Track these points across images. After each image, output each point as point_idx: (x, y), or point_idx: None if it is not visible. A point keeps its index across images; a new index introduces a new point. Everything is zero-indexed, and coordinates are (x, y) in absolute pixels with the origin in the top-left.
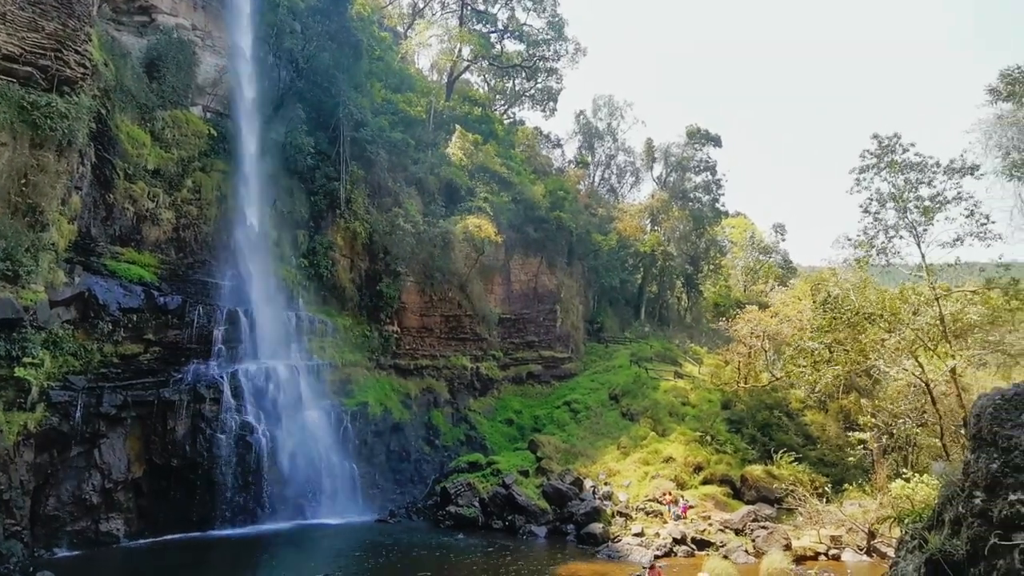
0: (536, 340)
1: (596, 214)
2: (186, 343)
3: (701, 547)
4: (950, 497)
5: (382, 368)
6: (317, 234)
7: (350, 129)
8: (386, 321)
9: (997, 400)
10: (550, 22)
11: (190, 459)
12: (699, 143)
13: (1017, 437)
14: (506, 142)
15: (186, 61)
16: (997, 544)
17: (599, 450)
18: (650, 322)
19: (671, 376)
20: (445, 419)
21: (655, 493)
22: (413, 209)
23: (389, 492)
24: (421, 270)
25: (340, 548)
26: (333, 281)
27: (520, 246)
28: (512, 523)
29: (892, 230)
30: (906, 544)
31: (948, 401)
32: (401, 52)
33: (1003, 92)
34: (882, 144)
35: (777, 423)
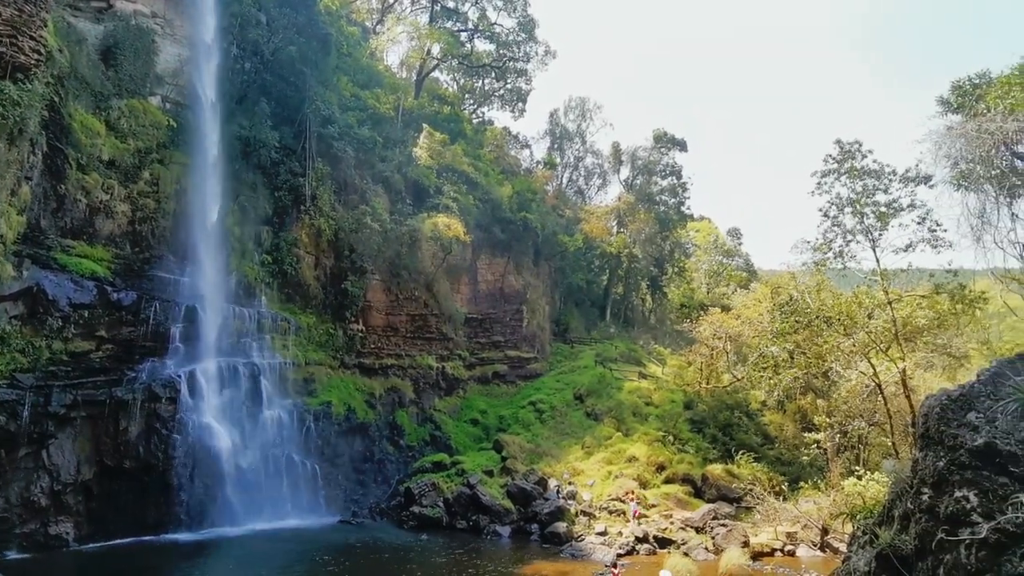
0: (502, 340)
1: (564, 215)
2: (141, 341)
3: (663, 545)
4: (899, 494)
5: (346, 367)
6: (281, 231)
7: (316, 125)
8: (351, 320)
9: (943, 400)
10: (520, 23)
11: (144, 461)
12: (665, 147)
13: (962, 436)
14: (475, 142)
15: (145, 49)
16: (944, 539)
17: (564, 450)
18: (615, 323)
19: (635, 376)
20: (410, 419)
21: (618, 492)
22: (380, 207)
23: (352, 493)
24: (387, 268)
25: (301, 551)
26: (297, 278)
27: (487, 246)
28: (476, 523)
29: (850, 234)
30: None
31: (898, 401)
32: (370, 48)
33: (953, 104)
34: (843, 149)
35: (737, 423)
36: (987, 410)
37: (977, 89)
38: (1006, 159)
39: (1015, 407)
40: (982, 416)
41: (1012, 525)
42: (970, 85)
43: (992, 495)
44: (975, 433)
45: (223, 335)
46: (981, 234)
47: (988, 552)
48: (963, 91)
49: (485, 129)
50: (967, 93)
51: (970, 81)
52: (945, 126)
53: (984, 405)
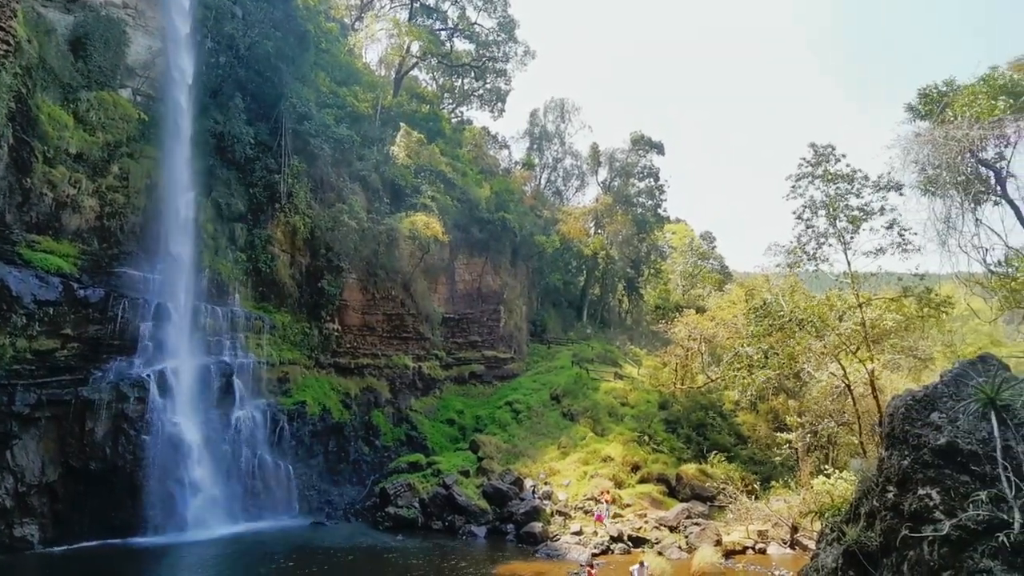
0: (479, 340)
1: (542, 216)
2: (108, 339)
3: (637, 544)
4: (866, 492)
5: (322, 367)
6: (256, 228)
7: (293, 121)
8: (327, 319)
9: (908, 401)
10: (501, 23)
11: (111, 462)
12: (643, 150)
13: (926, 435)
14: (453, 141)
15: (115, 40)
16: (908, 536)
17: (540, 450)
18: (592, 324)
19: (611, 377)
20: (386, 419)
21: (594, 492)
22: (357, 205)
23: (327, 494)
24: (364, 267)
25: (273, 554)
26: (272, 276)
27: (465, 246)
28: (452, 524)
29: (823, 237)
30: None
31: (866, 402)
32: (348, 45)
33: (921, 111)
34: (817, 153)
35: (711, 423)
36: (949, 410)
37: (944, 97)
38: (971, 166)
39: (976, 407)
40: (944, 416)
41: (973, 522)
42: (937, 93)
43: (954, 493)
44: (938, 433)
45: (195, 334)
46: (946, 239)
47: (950, 548)
48: (930, 98)
49: (464, 129)
50: (934, 100)
51: (937, 89)
52: (913, 132)
53: (947, 405)
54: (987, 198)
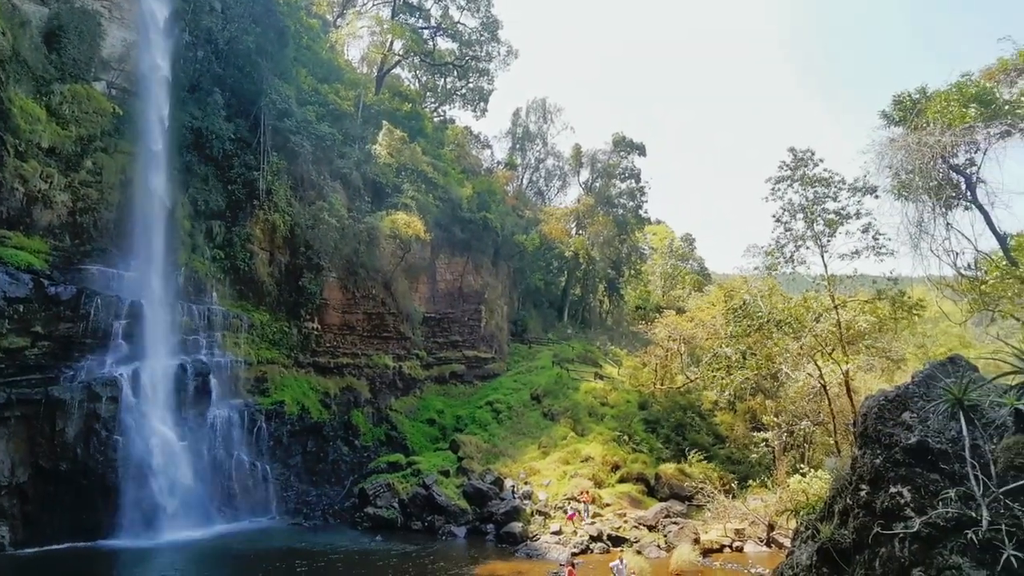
0: (460, 340)
1: (524, 216)
2: (80, 337)
3: (617, 544)
4: (840, 490)
5: (301, 366)
6: (234, 225)
7: (273, 118)
8: (306, 317)
9: (881, 401)
10: (484, 23)
11: (82, 463)
12: (625, 151)
13: (897, 435)
14: (435, 140)
15: (90, 33)
16: (879, 533)
17: (520, 450)
18: (573, 324)
19: (592, 377)
20: (365, 419)
21: (574, 492)
22: (338, 204)
23: (305, 494)
24: (344, 266)
25: (250, 556)
26: (251, 275)
27: (447, 245)
28: (432, 524)
29: (800, 240)
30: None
31: (841, 402)
32: (330, 41)
33: (895, 117)
34: (797, 157)
35: (690, 423)
36: (920, 410)
37: (917, 104)
38: (942, 171)
39: (945, 407)
40: (915, 416)
41: (942, 520)
42: (910, 100)
43: (924, 491)
44: (909, 432)
45: (170, 332)
46: (919, 242)
47: (920, 545)
48: (904, 105)
49: (446, 128)
50: (908, 107)
51: (910, 96)
52: (888, 138)
53: (918, 405)
54: (958, 203)
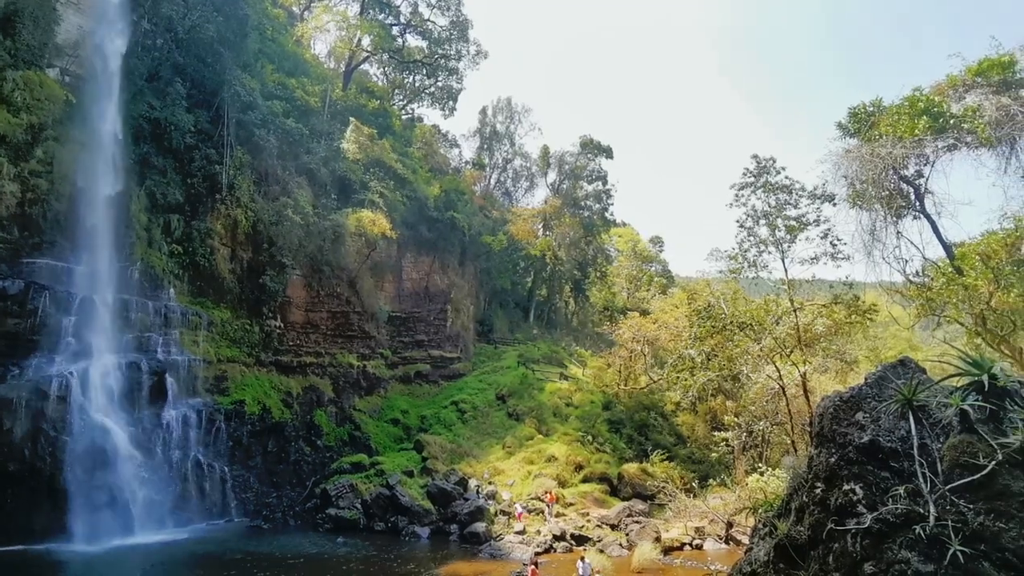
0: (426, 339)
1: (491, 216)
2: (28, 333)
3: (580, 543)
4: (796, 488)
5: (262, 365)
6: (194, 220)
7: (236, 110)
8: (268, 315)
9: (836, 402)
10: (454, 21)
11: (30, 464)
12: (592, 153)
13: (851, 434)
14: (403, 138)
15: (45, 18)
16: (833, 529)
17: (485, 450)
18: (539, 324)
19: (557, 378)
20: (328, 418)
21: (538, 491)
22: (303, 200)
23: (265, 496)
24: (309, 264)
25: (204, 561)
26: (211, 271)
27: (413, 244)
28: (395, 524)
29: (763, 244)
30: (759, 531)
31: (798, 403)
32: (296, 34)
33: (851, 128)
34: (760, 165)
35: (653, 423)
36: (872, 410)
37: (871, 116)
38: (894, 182)
39: (896, 407)
40: (868, 416)
41: (892, 516)
42: (865, 112)
43: (875, 488)
44: (862, 431)
45: (124, 329)
46: (871, 249)
47: (871, 540)
48: (859, 117)
49: (415, 126)
50: (863, 119)
51: (865, 108)
52: (843, 149)
53: (870, 406)
54: (908, 212)
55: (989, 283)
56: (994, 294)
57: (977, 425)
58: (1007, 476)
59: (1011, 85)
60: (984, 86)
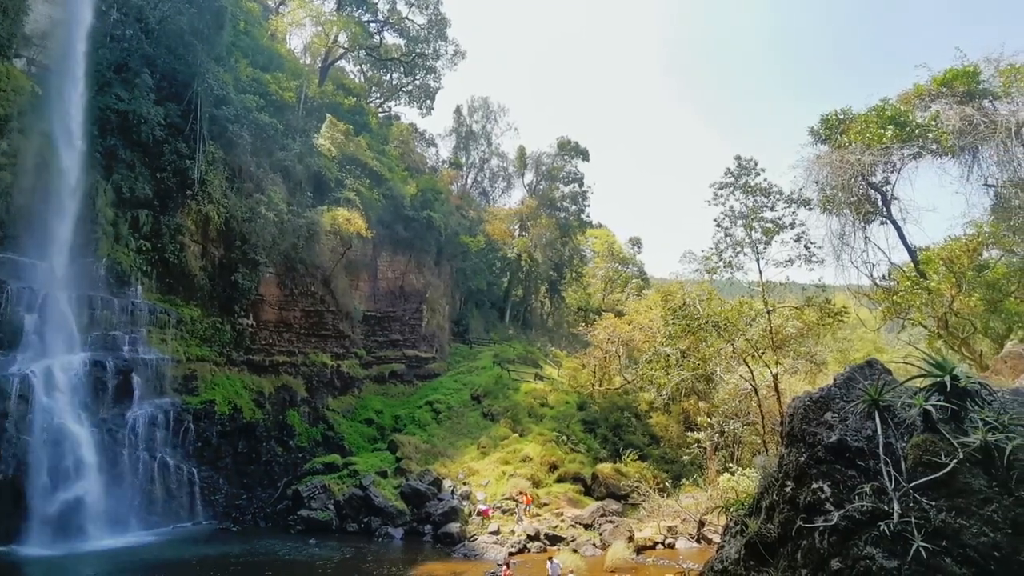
0: (401, 339)
1: (467, 216)
2: None
3: (553, 542)
4: (767, 487)
5: (233, 364)
6: (164, 215)
7: (209, 104)
8: (240, 314)
9: (806, 402)
10: (432, 20)
11: None
12: (569, 155)
13: (820, 434)
14: (380, 136)
15: (14, 8)
16: (802, 526)
17: (459, 450)
18: (514, 325)
19: (532, 378)
20: (301, 419)
21: (512, 492)
22: (277, 197)
23: (235, 498)
24: (282, 261)
25: (169, 565)
26: (181, 268)
27: (389, 243)
28: (368, 525)
29: (739, 245)
30: (730, 530)
31: (769, 403)
32: (271, 29)
33: (822, 135)
34: (741, 165)
35: (627, 424)
36: (840, 410)
37: (842, 124)
38: (862, 188)
39: (863, 408)
40: (836, 416)
41: (858, 513)
42: (836, 119)
43: (842, 486)
44: (830, 431)
45: (88, 327)
46: (840, 253)
47: (838, 537)
48: (830, 124)
49: (391, 124)
50: (834, 126)
51: (836, 116)
52: (815, 155)
53: (838, 406)
54: (875, 218)
55: (951, 287)
56: (956, 298)
57: (939, 425)
58: (967, 474)
59: (974, 95)
60: (948, 96)
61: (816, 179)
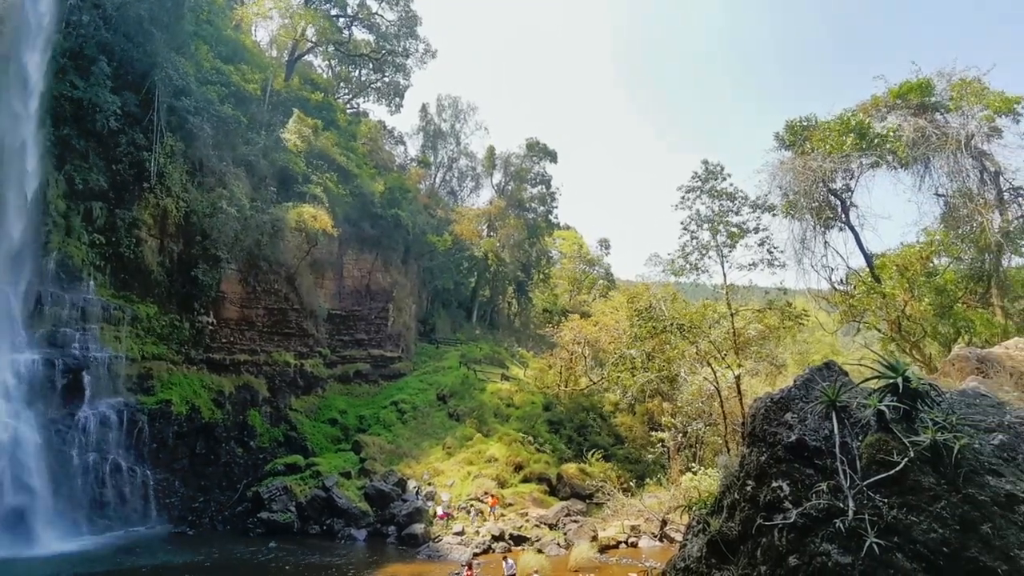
0: (366, 338)
1: (435, 215)
2: None
3: (518, 543)
4: (729, 486)
5: (192, 362)
6: (119, 208)
7: (168, 95)
8: (200, 311)
9: (768, 403)
10: (402, 17)
11: None
12: (538, 156)
13: (780, 434)
14: (348, 133)
15: None
16: (762, 524)
17: (425, 451)
18: (481, 325)
19: (498, 378)
20: (263, 419)
21: (477, 492)
22: (240, 192)
23: (191, 500)
24: (245, 258)
25: (119, 571)
26: (137, 263)
27: (355, 241)
28: (331, 527)
29: (705, 249)
30: (692, 528)
31: (731, 404)
32: (236, 19)
33: (787, 141)
34: (708, 170)
35: (592, 424)
36: (800, 411)
37: (806, 131)
38: (823, 194)
39: (821, 408)
40: (796, 416)
41: (815, 511)
42: (800, 126)
43: (801, 485)
44: (790, 431)
45: (37, 324)
46: (801, 257)
47: (796, 534)
48: (795, 130)
49: (359, 121)
50: (798, 132)
51: (800, 123)
52: (779, 160)
53: (798, 407)
54: (834, 224)
55: (904, 292)
56: (908, 302)
57: (892, 424)
58: (918, 472)
59: (927, 108)
60: (903, 108)
61: (780, 184)
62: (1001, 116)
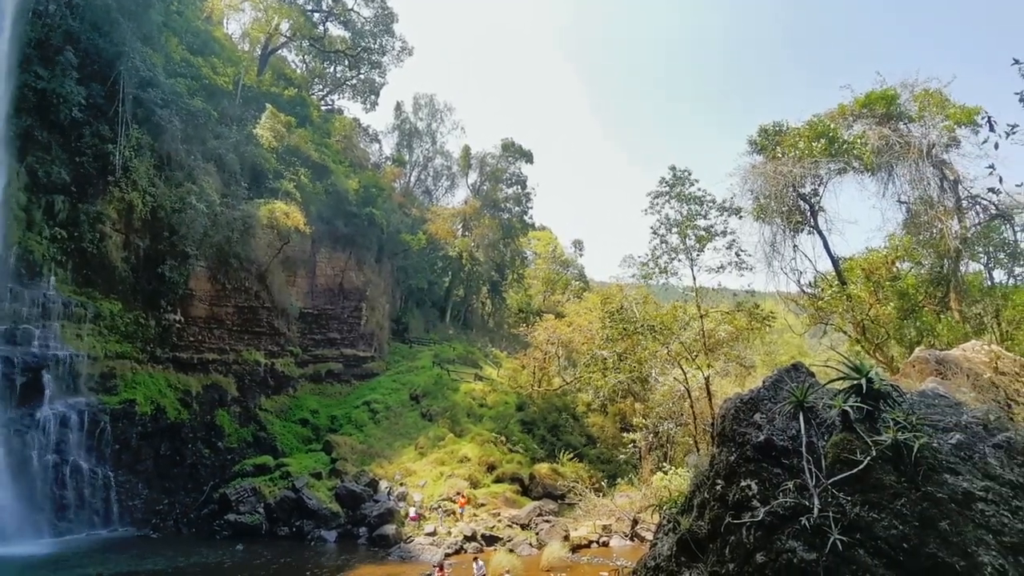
0: (339, 337)
1: (410, 214)
2: None
3: (490, 543)
4: (699, 485)
5: (158, 361)
6: (82, 202)
7: (134, 86)
8: (167, 309)
9: (737, 403)
10: (378, 14)
11: None
12: (513, 156)
13: (749, 434)
14: (322, 130)
15: None
16: (731, 523)
17: (397, 451)
18: (455, 325)
19: (472, 378)
20: (231, 419)
21: (450, 492)
22: (209, 187)
23: (155, 502)
24: (215, 255)
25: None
26: (101, 259)
27: (328, 239)
28: (300, 529)
29: (674, 252)
30: (663, 527)
31: (701, 404)
32: (207, 10)
33: (759, 145)
34: (675, 175)
35: (565, 424)
36: (768, 411)
37: (777, 136)
38: (792, 198)
39: (789, 408)
40: (764, 416)
41: (782, 508)
42: (772, 131)
43: (769, 484)
44: (758, 431)
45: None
46: (771, 260)
47: (763, 532)
48: (768, 135)
49: (334, 118)
50: (770, 137)
51: (773, 127)
52: (751, 164)
53: (767, 407)
54: (803, 228)
55: (870, 295)
56: (873, 306)
57: (856, 424)
58: (880, 471)
59: (891, 117)
60: (869, 117)
61: (752, 187)
62: (961, 127)
